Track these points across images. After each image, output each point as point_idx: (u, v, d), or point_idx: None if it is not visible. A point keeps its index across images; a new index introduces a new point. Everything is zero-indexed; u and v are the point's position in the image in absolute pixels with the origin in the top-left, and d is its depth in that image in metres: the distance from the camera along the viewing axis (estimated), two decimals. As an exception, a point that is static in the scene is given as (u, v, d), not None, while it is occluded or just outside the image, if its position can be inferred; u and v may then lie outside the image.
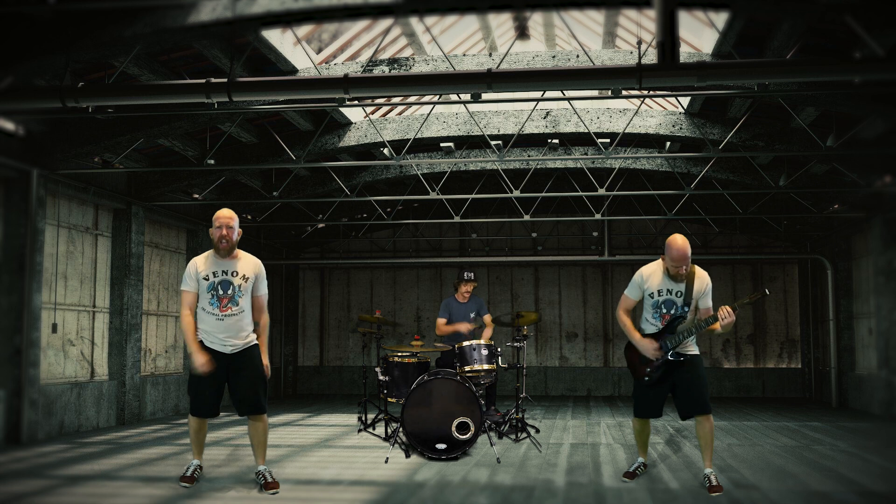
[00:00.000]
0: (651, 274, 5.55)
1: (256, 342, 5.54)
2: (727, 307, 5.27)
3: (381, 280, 17.70)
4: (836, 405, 13.81)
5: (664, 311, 5.50)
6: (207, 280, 5.38)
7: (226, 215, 5.42)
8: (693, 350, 5.56)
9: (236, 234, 5.44)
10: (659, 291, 5.50)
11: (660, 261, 5.59)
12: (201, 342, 5.42)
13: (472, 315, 8.66)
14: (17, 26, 6.62)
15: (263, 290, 5.56)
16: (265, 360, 5.55)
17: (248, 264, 5.49)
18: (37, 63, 6.70)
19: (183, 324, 5.42)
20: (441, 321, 8.69)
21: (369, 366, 9.69)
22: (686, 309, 5.46)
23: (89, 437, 9.09)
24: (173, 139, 10.13)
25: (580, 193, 11.99)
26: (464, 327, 8.45)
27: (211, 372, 5.34)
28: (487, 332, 8.67)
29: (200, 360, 5.30)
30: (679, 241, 5.35)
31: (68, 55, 6.56)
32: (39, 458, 7.31)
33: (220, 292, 5.36)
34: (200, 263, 5.43)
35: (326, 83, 5.92)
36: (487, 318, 8.75)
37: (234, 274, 5.41)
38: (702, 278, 5.52)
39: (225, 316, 5.35)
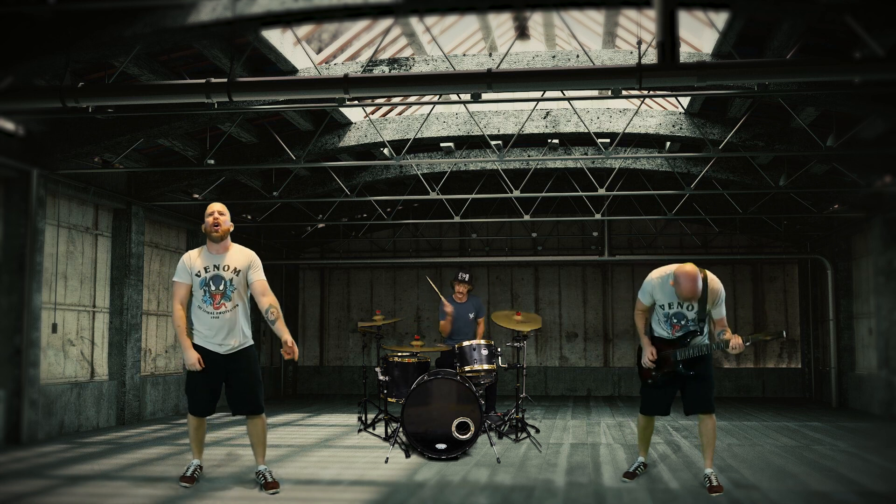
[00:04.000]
0: (659, 286, 5.52)
1: (252, 343, 5.58)
2: (739, 339, 5.25)
3: (381, 280, 17.69)
4: (836, 405, 13.80)
5: (675, 321, 5.54)
6: (199, 276, 5.41)
7: (216, 207, 5.51)
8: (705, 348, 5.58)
9: (228, 221, 5.49)
10: (669, 304, 5.52)
11: (669, 269, 5.53)
12: (196, 344, 5.47)
13: (472, 315, 8.70)
14: (17, 26, 6.62)
15: (259, 276, 5.51)
16: (288, 337, 5.33)
17: (239, 256, 5.50)
18: (37, 63, 6.70)
19: (174, 317, 5.49)
20: (444, 321, 8.74)
21: (369, 366, 9.68)
22: (702, 324, 5.49)
23: (89, 437, 9.09)
24: (173, 139, 10.12)
25: (580, 193, 11.99)
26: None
27: (207, 372, 5.40)
28: (479, 332, 8.72)
29: (191, 359, 5.35)
30: (687, 277, 5.25)
31: (68, 55, 6.55)
32: (39, 458, 7.31)
33: (213, 288, 5.38)
34: (194, 257, 5.48)
35: (326, 83, 5.93)
36: (481, 321, 8.79)
37: (226, 268, 5.43)
38: (714, 290, 5.42)
39: (219, 313, 5.38)
